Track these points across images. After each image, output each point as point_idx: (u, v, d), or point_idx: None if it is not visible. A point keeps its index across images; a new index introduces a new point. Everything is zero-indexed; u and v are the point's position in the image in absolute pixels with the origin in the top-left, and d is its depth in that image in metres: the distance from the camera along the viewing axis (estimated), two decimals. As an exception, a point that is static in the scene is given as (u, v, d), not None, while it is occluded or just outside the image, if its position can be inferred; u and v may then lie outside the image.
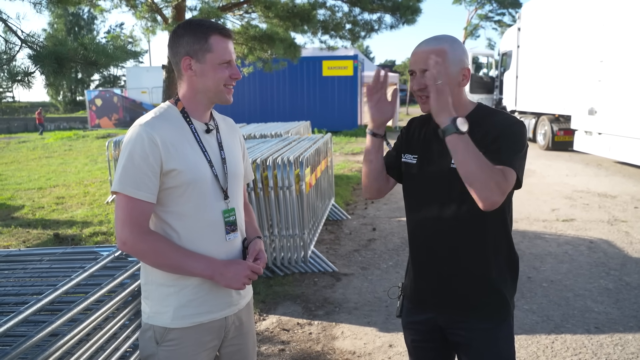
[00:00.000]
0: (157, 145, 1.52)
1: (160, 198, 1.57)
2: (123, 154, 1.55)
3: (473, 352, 1.71)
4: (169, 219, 1.60)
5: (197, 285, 1.61)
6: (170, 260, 1.55)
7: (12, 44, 4.05)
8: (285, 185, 4.46)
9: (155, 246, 1.54)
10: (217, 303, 1.65)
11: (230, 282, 1.58)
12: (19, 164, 12.42)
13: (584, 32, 10.90)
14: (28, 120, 27.33)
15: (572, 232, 5.94)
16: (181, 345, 1.61)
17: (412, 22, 8.83)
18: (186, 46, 1.59)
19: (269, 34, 7.39)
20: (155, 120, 1.57)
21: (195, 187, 1.59)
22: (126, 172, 1.52)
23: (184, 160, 1.56)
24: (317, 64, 18.69)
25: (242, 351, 1.79)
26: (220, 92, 1.63)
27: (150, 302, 1.65)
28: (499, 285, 1.68)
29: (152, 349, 1.62)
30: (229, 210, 1.66)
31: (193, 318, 1.61)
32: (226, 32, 1.62)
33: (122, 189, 1.52)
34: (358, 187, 8.85)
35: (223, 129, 1.76)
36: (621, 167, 10.57)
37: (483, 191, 1.49)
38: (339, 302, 4.11)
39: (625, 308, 3.90)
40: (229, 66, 1.62)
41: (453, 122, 1.49)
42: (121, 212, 1.53)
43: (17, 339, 1.68)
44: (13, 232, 6.29)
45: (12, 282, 2.36)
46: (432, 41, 1.65)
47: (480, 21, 39.12)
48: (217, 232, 1.64)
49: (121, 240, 1.53)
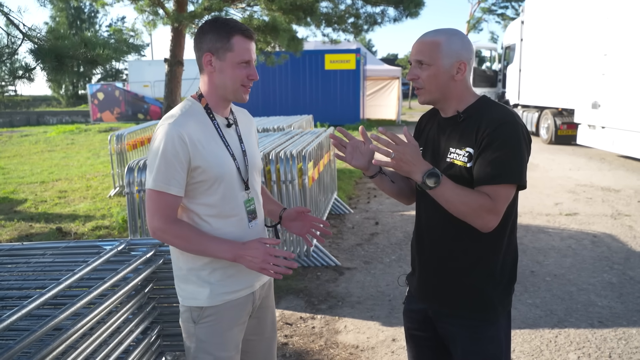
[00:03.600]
0: (185, 143, 1.62)
1: (189, 191, 1.69)
2: (156, 151, 1.64)
3: (456, 347, 1.73)
4: (199, 210, 1.72)
5: (226, 267, 1.74)
6: (195, 245, 1.66)
7: (14, 38, 4.03)
8: (288, 179, 4.45)
9: (182, 233, 1.66)
10: (244, 280, 1.79)
11: (250, 264, 1.65)
12: (22, 158, 12.43)
13: (587, 25, 10.82)
14: (30, 114, 27.35)
15: (576, 226, 5.93)
16: (217, 322, 1.75)
17: (415, 15, 8.76)
18: (209, 43, 1.67)
19: (273, 24, 7.34)
20: (182, 118, 1.67)
21: (222, 182, 1.70)
22: (159, 170, 1.63)
23: (210, 157, 1.67)
24: (320, 58, 18.61)
25: (261, 324, 1.94)
26: (237, 91, 1.71)
27: (184, 285, 1.78)
28: (480, 286, 1.67)
29: (190, 328, 1.76)
30: (249, 200, 1.79)
31: (225, 296, 1.75)
32: (249, 33, 1.70)
33: (156, 186, 1.63)
34: (360, 181, 8.84)
35: (242, 121, 1.88)
36: (625, 161, 10.53)
37: (476, 221, 1.55)
38: (341, 296, 4.11)
39: (628, 302, 3.89)
40: (248, 66, 1.70)
41: (423, 182, 1.54)
42: (151, 204, 1.65)
43: (20, 333, 1.67)
44: (16, 225, 6.30)
45: (15, 276, 2.36)
46: (431, 33, 1.66)
47: (483, 14, 38.86)
48: (241, 220, 1.77)
49: (152, 229, 1.66)
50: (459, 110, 1.66)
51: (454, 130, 1.66)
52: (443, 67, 1.61)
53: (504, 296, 1.71)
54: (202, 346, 1.75)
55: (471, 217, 1.55)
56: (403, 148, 1.53)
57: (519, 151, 1.56)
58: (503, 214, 1.56)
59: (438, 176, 1.53)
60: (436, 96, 1.67)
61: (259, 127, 7.24)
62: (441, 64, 1.61)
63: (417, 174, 1.55)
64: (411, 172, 1.55)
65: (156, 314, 2.52)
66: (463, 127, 1.63)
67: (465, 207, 1.53)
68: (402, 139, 1.55)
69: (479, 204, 1.52)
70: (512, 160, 1.54)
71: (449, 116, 1.70)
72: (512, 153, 1.54)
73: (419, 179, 1.55)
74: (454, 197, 1.54)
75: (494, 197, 1.53)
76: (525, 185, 1.57)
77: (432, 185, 1.53)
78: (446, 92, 1.65)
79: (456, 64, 1.62)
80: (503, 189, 1.54)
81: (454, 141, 1.65)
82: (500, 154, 1.54)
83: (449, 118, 1.70)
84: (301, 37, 8.61)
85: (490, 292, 1.68)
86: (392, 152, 1.54)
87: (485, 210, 1.53)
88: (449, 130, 1.68)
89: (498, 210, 1.54)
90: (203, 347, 1.75)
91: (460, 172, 1.61)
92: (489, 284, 1.68)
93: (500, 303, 1.70)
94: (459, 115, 1.66)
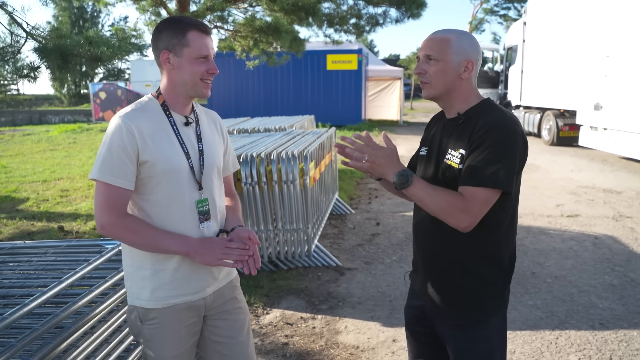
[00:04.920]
0: (134, 136, 1.61)
1: (137, 186, 1.67)
2: (103, 143, 1.63)
3: (450, 345, 1.75)
4: (145, 206, 1.69)
5: (172, 269, 1.70)
6: (147, 240, 1.64)
7: (17, 36, 4.04)
8: (289, 179, 4.45)
9: (132, 227, 1.63)
10: (192, 286, 1.74)
11: (207, 258, 1.65)
12: (24, 157, 12.45)
13: (590, 26, 10.81)
14: (32, 113, 27.38)
15: (577, 228, 5.92)
16: (162, 324, 1.72)
17: (417, 17, 8.75)
18: (165, 40, 1.67)
19: (275, 25, 7.35)
20: (135, 112, 1.66)
21: (169, 178, 1.67)
22: (105, 161, 1.61)
23: (158, 152, 1.65)
24: (322, 58, 18.61)
25: (232, 326, 1.86)
26: (197, 86, 1.70)
27: (130, 284, 1.76)
28: (470, 287, 1.68)
29: (137, 327, 1.74)
30: (202, 200, 1.75)
31: (168, 300, 1.71)
32: (204, 28, 1.69)
33: (101, 177, 1.60)
34: (362, 182, 8.84)
35: (204, 121, 1.85)
36: (626, 162, 10.51)
37: (449, 220, 1.58)
38: (342, 296, 4.11)
39: (630, 304, 3.89)
40: (206, 61, 1.69)
41: (394, 183, 1.60)
42: (100, 197, 1.62)
43: (22, 331, 1.68)
44: (18, 224, 6.31)
45: (17, 274, 2.37)
46: (442, 31, 1.68)
47: (485, 15, 38.82)
48: (190, 220, 1.72)
49: (100, 224, 1.62)
50: (460, 111, 1.67)
51: (454, 132, 1.68)
52: (451, 63, 1.63)
53: (495, 298, 1.70)
54: (149, 345, 1.74)
55: (444, 216, 1.58)
56: (376, 151, 1.60)
57: (507, 156, 1.54)
58: (480, 216, 1.55)
59: (407, 177, 1.58)
60: (441, 92, 1.67)
61: (260, 127, 7.24)
62: (450, 60, 1.63)
63: (388, 175, 1.61)
64: (384, 173, 1.62)
65: (157, 313, 2.52)
66: (461, 129, 1.65)
67: (436, 205, 1.57)
68: (376, 144, 1.62)
69: (449, 203, 1.55)
70: (498, 164, 1.52)
71: (452, 117, 1.72)
72: (498, 157, 1.53)
73: (390, 179, 1.61)
74: (425, 196, 1.58)
75: (469, 198, 1.53)
76: (509, 191, 1.55)
77: (403, 186, 1.59)
78: (451, 89, 1.67)
79: (464, 62, 1.64)
80: (480, 192, 1.53)
81: (451, 142, 1.67)
82: (486, 157, 1.53)
83: (452, 119, 1.71)
84: (303, 37, 8.60)
85: (480, 293, 1.68)
86: (366, 154, 1.60)
87: (458, 210, 1.54)
88: (450, 131, 1.70)
89: (471, 211, 1.53)
90: (150, 346, 1.74)
91: (453, 173, 1.62)
92: (480, 285, 1.68)
93: (492, 305, 1.70)
94: (459, 117, 1.67)
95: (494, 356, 1.71)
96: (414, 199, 1.63)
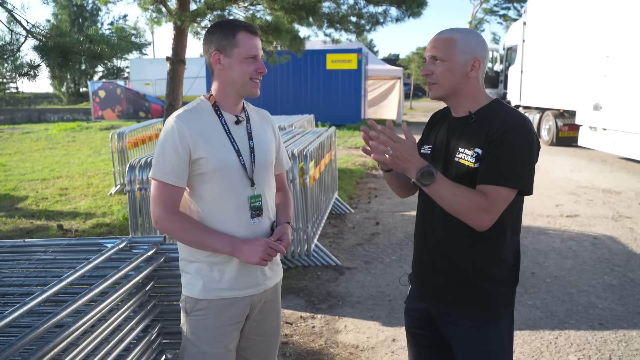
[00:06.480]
0: (185, 136, 1.70)
1: (191, 183, 1.76)
2: (158, 144, 1.75)
3: (458, 347, 1.73)
4: (199, 202, 1.77)
5: (225, 264, 1.77)
6: (194, 237, 1.72)
7: (17, 34, 4.03)
8: (289, 178, 4.45)
9: (182, 224, 1.72)
10: (242, 282, 1.80)
11: (249, 257, 1.71)
12: (23, 155, 12.43)
13: (590, 26, 10.81)
14: (32, 111, 27.36)
15: (576, 228, 5.93)
16: (207, 316, 1.78)
17: (417, 15, 8.74)
18: (216, 42, 1.75)
19: (275, 24, 7.34)
20: (186, 114, 1.76)
21: (221, 174, 1.74)
22: (158, 160, 1.72)
23: (210, 150, 1.72)
24: (321, 57, 18.59)
25: (261, 326, 1.94)
26: (246, 85, 1.78)
27: (184, 274, 1.84)
28: (482, 287, 1.67)
29: (184, 317, 1.83)
30: (255, 196, 1.81)
31: (219, 292, 1.78)
32: (253, 29, 1.76)
33: (155, 175, 1.73)
34: (361, 181, 8.84)
35: (255, 120, 1.92)
36: (626, 163, 10.52)
37: (470, 220, 1.55)
38: (342, 295, 4.11)
39: (629, 304, 3.89)
40: (255, 61, 1.76)
41: (418, 179, 1.55)
42: (154, 194, 1.74)
43: (22, 330, 1.68)
44: (17, 222, 6.31)
45: (17, 273, 2.36)
46: (447, 31, 1.67)
47: (485, 15, 38.85)
48: (242, 215, 1.79)
49: (154, 219, 1.73)
50: (471, 110, 1.66)
51: (464, 131, 1.66)
52: (458, 62, 1.63)
53: (506, 297, 1.70)
54: (191, 337, 1.79)
55: (465, 215, 1.55)
56: (400, 145, 1.54)
57: (527, 157, 1.56)
58: (499, 215, 1.56)
59: (432, 174, 1.53)
60: (449, 92, 1.67)
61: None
62: (456, 59, 1.62)
63: (412, 170, 1.55)
64: (407, 169, 1.56)
65: (157, 312, 2.53)
66: (474, 128, 1.63)
67: (460, 205, 1.54)
68: (399, 137, 1.56)
69: (474, 203, 1.53)
70: (519, 164, 1.54)
71: (460, 116, 1.70)
72: (520, 157, 1.54)
73: (413, 175, 1.55)
74: (449, 195, 1.55)
75: (493, 197, 1.53)
76: (530, 191, 1.56)
77: (427, 183, 1.54)
78: (459, 89, 1.66)
79: (471, 60, 1.63)
80: (503, 191, 1.54)
81: (463, 141, 1.65)
82: (508, 156, 1.54)
83: (460, 118, 1.70)
84: (303, 36, 8.58)
85: (492, 292, 1.67)
86: (390, 149, 1.55)
87: (481, 209, 1.52)
88: (460, 130, 1.68)
89: (493, 211, 1.54)
90: (191, 339, 1.79)
91: (466, 172, 1.61)
92: (491, 284, 1.67)
93: (503, 303, 1.69)
94: (470, 116, 1.66)
95: (503, 357, 1.70)
96: (434, 197, 1.58)
